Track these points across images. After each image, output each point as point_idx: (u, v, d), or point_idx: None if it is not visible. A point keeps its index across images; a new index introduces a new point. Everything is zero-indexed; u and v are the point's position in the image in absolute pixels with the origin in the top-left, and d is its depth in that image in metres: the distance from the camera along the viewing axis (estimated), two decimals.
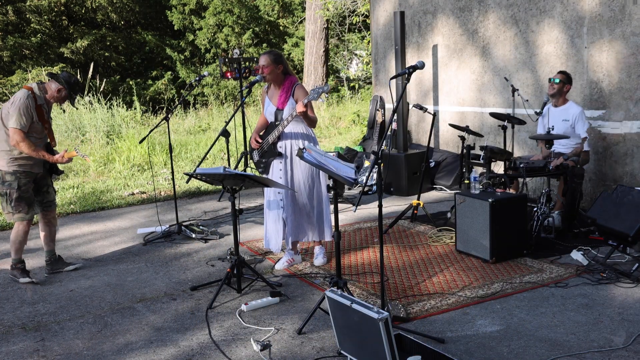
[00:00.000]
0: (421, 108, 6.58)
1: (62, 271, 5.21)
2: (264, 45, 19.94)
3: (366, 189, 7.51)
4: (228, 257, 5.23)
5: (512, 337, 3.64)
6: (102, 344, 3.81)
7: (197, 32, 19.64)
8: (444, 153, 8.19)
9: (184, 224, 6.25)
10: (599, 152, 6.32)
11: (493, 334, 3.69)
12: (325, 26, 15.38)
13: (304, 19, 16.87)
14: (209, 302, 4.29)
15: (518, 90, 6.58)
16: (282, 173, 4.88)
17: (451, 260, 5.12)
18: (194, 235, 6.03)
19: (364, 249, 5.51)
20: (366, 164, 8.01)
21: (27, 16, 18.27)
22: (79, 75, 15.36)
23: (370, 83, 15.44)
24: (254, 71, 8.01)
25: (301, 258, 5.25)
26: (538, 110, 6.10)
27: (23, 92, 4.81)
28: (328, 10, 14.40)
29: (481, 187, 5.22)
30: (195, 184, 8.43)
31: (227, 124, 5.38)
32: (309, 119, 4.72)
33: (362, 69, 18.78)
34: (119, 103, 12.82)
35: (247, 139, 7.81)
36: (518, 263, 4.95)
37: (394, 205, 7.18)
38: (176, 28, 19.79)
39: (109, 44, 19.59)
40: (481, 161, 5.56)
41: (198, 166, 4.86)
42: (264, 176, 4.96)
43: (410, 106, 8.48)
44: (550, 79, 5.89)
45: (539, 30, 6.84)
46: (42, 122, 4.87)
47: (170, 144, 6.36)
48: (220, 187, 4.89)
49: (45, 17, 18.73)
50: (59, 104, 5.12)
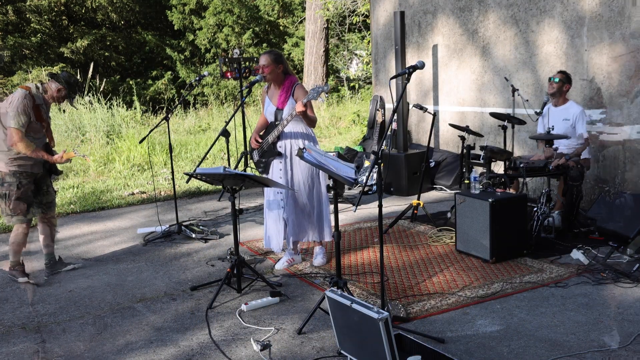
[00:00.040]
0: (421, 108, 6.57)
1: (61, 271, 5.21)
2: (264, 45, 19.93)
3: (366, 189, 7.51)
4: (228, 257, 5.23)
5: (512, 337, 3.64)
6: (102, 344, 3.81)
7: (197, 32, 19.64)
8: (444, 153, 8.19)
9: (184, 223, 6.25)
10: (597, 155, 6.32)
11: (493, 334, 3.69)
12: (325, 26, 15.37)
13: (304, 19, 16.86)
14: (209, 302, 4.29)
15: (518, 90, 6.58)
16: (282, 173, 4.88)
17: (451, 260, 5.12)
18: (194, 235, 6.03)
19: (364, 249, 5.51)
20: (366, 163, 8.01)
21: (27, 16, 18.28)
22: (79, 75, 15.37)
23: (370, 83, 15.44)
24: (254, 71, 8.01)
25: (301, 258, 5.25)
26: (538, 110, 6.11)
27: (20, 91, 4.79)
28: (328, 10, 14.40)
29: (481, 187, 5.22)
30: (195, 183, 8.43)
31: (227, 123, 5.38)
32: (308, 119, 4.71)
33: (362, 69, 18.78)
34: (119, 103, 12.83)
35: (247, 138, 7.81)
36: (518, 263, 4.95)
37: (394, 205, 7.18)
38: (176, 28, 19.79)
39: (109, 43, 19.59)
40: (481, 161, 5.56)
41: (198, 166, 4.85)
42: (264, 176, 4.96)
43: (411, 106, 8.48)
44: (550, 78, 5.89)
45: (539, 30, 6.84)
46: (40, 122, 4.86)
47: (170, 144, 6.36)
48: (220, 187, 4.89)
49: (45, 17, 18.73)
50: (57, 103, 5.12)
